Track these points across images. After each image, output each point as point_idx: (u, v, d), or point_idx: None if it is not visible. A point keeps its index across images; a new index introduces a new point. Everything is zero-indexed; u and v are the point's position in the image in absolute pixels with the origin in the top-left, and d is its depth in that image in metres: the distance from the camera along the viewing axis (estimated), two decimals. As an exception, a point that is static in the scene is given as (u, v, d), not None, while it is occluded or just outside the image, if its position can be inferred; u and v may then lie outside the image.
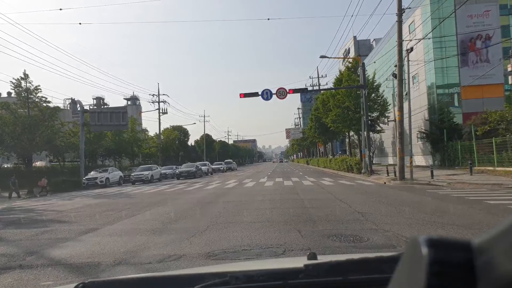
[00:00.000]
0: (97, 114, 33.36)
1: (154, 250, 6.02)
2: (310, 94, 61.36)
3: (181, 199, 14.74)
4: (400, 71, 18.31)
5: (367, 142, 24.71)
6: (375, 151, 42.56)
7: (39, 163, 37.83)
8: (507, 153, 19.65)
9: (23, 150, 26.03)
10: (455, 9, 23.26)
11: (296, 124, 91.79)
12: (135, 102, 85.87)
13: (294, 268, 1.05)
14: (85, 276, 4.78)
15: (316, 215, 8.67)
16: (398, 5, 17.78)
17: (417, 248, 0.47)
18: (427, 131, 29.61)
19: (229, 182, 24.39)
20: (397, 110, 18.39)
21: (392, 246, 5.61)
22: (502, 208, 9.04)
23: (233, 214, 9.60)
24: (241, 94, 23.18)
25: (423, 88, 31.68)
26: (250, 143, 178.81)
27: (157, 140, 50.26)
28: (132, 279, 1.33)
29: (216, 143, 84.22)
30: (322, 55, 29.32)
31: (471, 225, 7.03)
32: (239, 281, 1.02)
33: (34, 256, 6.06)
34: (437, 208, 9.34)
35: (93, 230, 8.25)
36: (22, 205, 17.26)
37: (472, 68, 29.24)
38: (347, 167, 27.90)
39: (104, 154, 42.05)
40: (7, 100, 30.58)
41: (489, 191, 12.49)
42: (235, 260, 5.31)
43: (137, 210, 11.58)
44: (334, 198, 12.27)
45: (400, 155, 17.76)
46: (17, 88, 26.57)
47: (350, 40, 63.17)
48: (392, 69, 22.97)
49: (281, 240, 6.25)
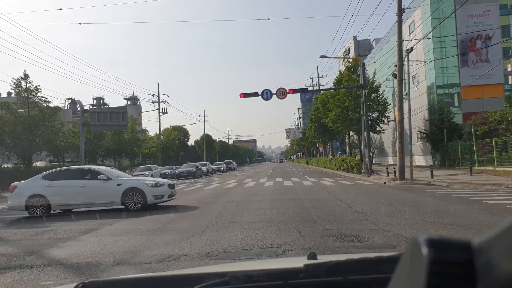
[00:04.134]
0: (97, 114, 33.25)
1: (154, 250, 6.02)
2: (310, 94, 61.37)
3: (181, 199, 14.72)
4: (400, 71, 18.31)
5: (367, 142, 24.69)
6: (375, 151, 42.56)
7: (39, 163, 37.80)
8: (507, 153, 19.65)
9: (23, 150, 26.03)
10: (455, 9, 23.27)
11: (296, 124, 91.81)
12: (135, 102, 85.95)
13: (294, 268, 1.05)
14: (85, 276, 4.78)
15: (316, 215, 8.67)
16: (398, 5, 17.78)
17: (417, 248, 0.47)
18: (427, 131, 29.60)
19: (229, 182, 24.39)
20: (397, 110, 18.39)
21: (392, 246, 5.61)
22: (502, 208, 9.04)
23: (233, 214, 9.60)
24: (241, 94, 23.18)
25: (423, 88, 31.69)
26: (250, 143, 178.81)
27: (157, 140, 50.24)
28: (132, 279, 1.33)
29: (216, 143, 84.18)
30: (322, 55, 29.31)
31: (471, 225, 7.03)
32: (239, 281, 1.02)
33: (34, 256, 6.06)
34: (437, 208, 9.34)
35: (93, 230, 8.25)
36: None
37: (472, 68, 29.24)
38: (347, 167, 27.90)
39: (104, 154, 42.03)
40: (7, 100, 30.57)
41: (489, 191, 12.50)
42: (235, 260, 5.31)
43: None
44: (334, 198, 12.28)
45: (400, 155, 17.75)
46: (17, 88, 26.58)
47: (350, 40, 63.20)
48: (392, 69, 22.98)
49: (281, 240, 6.24)
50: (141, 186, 11.15)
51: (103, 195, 11.09)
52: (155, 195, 11.10)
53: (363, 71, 24.18)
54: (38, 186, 11.20)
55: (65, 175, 11.74)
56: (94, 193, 11.10)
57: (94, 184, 11.20)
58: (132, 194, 10.99)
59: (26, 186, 11.42)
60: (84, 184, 11.19)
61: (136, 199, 10.94)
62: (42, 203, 10.98)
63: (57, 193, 11.11)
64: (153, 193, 11.07)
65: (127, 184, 11.25)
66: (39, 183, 11.32)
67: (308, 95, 65.45)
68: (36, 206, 10.99)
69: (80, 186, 11.12)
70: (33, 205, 11.00)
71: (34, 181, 11.64)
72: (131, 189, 11.09)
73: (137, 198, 10.95)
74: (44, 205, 10.99)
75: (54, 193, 11.09)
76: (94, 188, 11.13)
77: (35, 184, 11.36)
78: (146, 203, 10.98)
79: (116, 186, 11.06)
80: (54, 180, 11.38)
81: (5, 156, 27.91)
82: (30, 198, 11.02)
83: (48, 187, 11.14)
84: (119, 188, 11.04)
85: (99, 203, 11.22)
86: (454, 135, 26.30)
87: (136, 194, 10.97)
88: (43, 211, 10.94)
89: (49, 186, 11.17)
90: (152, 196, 11.04)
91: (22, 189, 11.29)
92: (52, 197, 11.05)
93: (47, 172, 12.18)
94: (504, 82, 29.49)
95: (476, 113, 25.02)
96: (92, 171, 11.95)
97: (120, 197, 10.95)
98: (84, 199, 11.14)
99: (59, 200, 11.12)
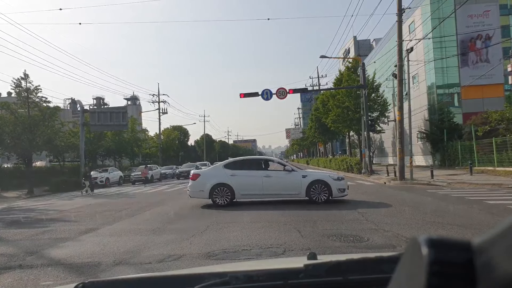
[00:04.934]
0: (97, 114, 33.35)
1: (154, 250, 6.02)
2: (310, 94, 61.38)
3: (181, 199, 14.72)
4: (400, 71, 18.31)
5: (367, 142, 24.70)
6: (375, 151, 42.55)
7: (39, 163, 37.80)
8: (507, 153, 19.66)
9: (23, 150, 25.98)
10: (455, 9, 23.27)
11: (296, 124, 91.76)
12: (135, 102, 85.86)
13: (294, 268, 1.05)
14: (85, 276, 4.78)
15: (316, 215, 8.67)
16: (398, 5, 17.78)
17: (417, 248, 0.47)
18: (427, 131, 29.60)
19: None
20: (397, 110, 18.40)
21: (392, 246, 5.61)
22: (502, 208, 9.04)
23: (233, 214, 9.60)
24: (241, 94, 23.17)
25: (423, 88, 31.69)
26: (250, 143, 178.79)
27: (157, 140, 50.26)
28: (132, 279, 1.33)
29: (216, 143, 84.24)
30: (322, 55, 29.30)
31: (471, 225, 7.03)
32: (239, 281, 1.02)
33: (34, 256, 6.06)
34: (437, 208, 9.35)
35: (93, 230, 8.25)
36: (22, 205, 17.26)
37: (472, 68, 29.24)
38: (347, 167, 27.90)
39: (104, 154, 42.04)
40: (7, 100, 30.54)
41: (489, 191, 12.50)
42: (235, 260, 5.31)
43: (137, 210, 11.58)
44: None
45: (400, 155, 17.76)
46: (17, 88, 26.52)
47: (350, 40, 63.18)
48: (392, 69, 22.97)
49: (281, 240, 6.25)
50: (326, 179, 10.97)
51: (288, 186, 11.01)
52: (339, 188, 10.90)
53: (363, 71, 24.19)
54: (223, 175, 11.18)
55: (245, 164, 11.73)
56: (279, 184, 11.05)
57: (279, 175, 11.17)
58: (317, 187, 10.84)
59: (210, 174, 11.45)
60: (269, 174, 11.12)
61: (321, 192, 10.80)
62: (227, 192, 11.00)
63: (241, 183, 11.09)
64: (337, 187, 10.88)
65: (312, 176, 11.14)
66: (222, 172, 11.29)
67: (308, 95, 65.46)
68: (220, 195, 11.01)
69: (265, 177, 11.04)
70: (217, 194, 11.03)
71: (216, 170, 11.69)
72: (316, 181, 10.90)
73: (322, 191, 10.80)
74: (229, 194, 11.02)
75: (238, 182, 11.07)
76: (279, 179, 11.07)
77: (219, 173, 11.33)
78: (330, 196, 10.80)
79: (302, 178, 10.96)
80: (236, 169, 11.34)
81: (5, 156, 27.87)
82: (215, 187, 11.05)
83: (232, 177, 11.11)
84: (304, 180, 10.92)
85: (284, 194, 11.14)
86: (454, 135, 26.30)
87: (322, 187, 10.81)
88: (227, 200, 10.98)
89: (233, 175, 11.13)
90: (337, 190, 10.85)
91: (206, 178, 11.28)
92: (237, 187, 11.05)
93: (227, 162, 12.18)
94: (504, 82, 29.49)
95: (476, 113, 25.02)
96: (271, 161, 12.10)
97: (305, 188, 10.83)
98: (269, 189, 11.07)
99: (243, 190, 11.09)
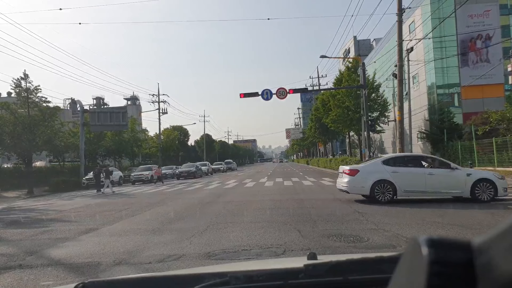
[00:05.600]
0: (97, 114, 33.37)
1: (154, 250, 6.02)
2: (310, 94, 61.36)
3: (181, 199, 14.74)
4: (400, 71, 18.32)
5: (367, 142, 24.70)
6: (375, 151, 42.51)
7: (39, 163, 37.78)
8: (507, 153, 19.65)
9: (23, 150, 25.98)
10: (455, 9, 23.28)
11: (296, 124, 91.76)
12: (135, 102, 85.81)
13: (294, 268, 1.05)
14: (85, 276, 4.78)
15: (316, 215, 8.68)
16: (398, 5, 17.79)
17: (417, 248, 0.47)
18: (427, 131, 29.59)
19: (229, 182, 24.39)
20: (397, 110, 18.41)
21: (392, 246, 5.61)
22: (502, 208, 9.04)
23: (233, 214, 9.60)
24: (241, 94, 23.17)
25: (423, 88, 31.68)
26: (250, 143, 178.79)
27: (157, 140, 50.24)
28: (132, 279, 1.33)
29: (216, 143, 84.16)
30: (322, 55, 29.32)
31: (471, 225, 7.04)
32: (239, 281, 1.02)
33: (34, 256, 6.06)
34: (437, 208, 9.35)
35: (93, 230, 8.25)
36: (22, 205, 17.26)
37: (472, 68, 29.24)
38: (347, 167, 27.84)
39: (104, 154, 42.00)
40: (7, 100, 30.54)
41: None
42: (235, 260, 5.31)
43: (137, 210, 11.58)
44: (334, 198, 12.30)
45: (400, 155, 17.73)
46: (17, 88, 26.52)
47: (350, 40, 63.15)
48: (392, 69, 22.99)
49: (281, 240, 6.25)
50: (491, 177, 10.81)
51: (452, 184, 10.88)
52: (504, 187, 10.74)
53: (363, 71, 24.18)
54: (383, 172, 11.08)
55: (406, 161, 11.69)
56: (443, 182, 10.92)
57: (442, 172, 11.03)
58: (482, 185, 10.69)
59: (369, 170, 11.33)
60: (432, 172, 11.02)
61: (486, 190, 10.64)
62: (389, 189, 10.91)
63: (403, 180, 10.98)
64: (502, 186, 10.71)
65: (477, 174, 11.04)
66: (382, 168, 11.19)
67: (308, 95, 65.46)
68: (381, 191, 10.94)
69: (428, 174, 10.96)
70: (378, 190, 10.96)
71: (375, 166, 11.53)
72: (482, 180, 10.76)
73: (487, 189, 10.64)
74: (390, 191, 10.92)
75: (400, 179, 10.98)
76: (443, 177, 10.93)
77: (379, 169, 11.22)
78: (496, 196, 10.61)
79: (466, 176, 10.83)
80: (394, 166, 11.25)
81: (5, 156, 27.87)
82: (376, 183, 10.98)
83: (394, 173, 11.01)
84: (469, 178, 10.77)
85: (448, 192, 11.00)
86: (454, 135, 26.28)
87: (487, 185, 10.66)
88: (390, 197, 10.87)
89: (394, 172, 11.04)
90: (502, 189, 10.67)
91: (366, 174, 11.19)
92: (399, 183, 10.95)
93: (385, 158, 12.13)
94: (504, 82, 29.52)
95: (476, 113, 25.02)
96: (432, 158, 12.05)
97: (470, 187, 10.68)
98: (433, 187, 10.94)
99: (405, 187, 10.96)
